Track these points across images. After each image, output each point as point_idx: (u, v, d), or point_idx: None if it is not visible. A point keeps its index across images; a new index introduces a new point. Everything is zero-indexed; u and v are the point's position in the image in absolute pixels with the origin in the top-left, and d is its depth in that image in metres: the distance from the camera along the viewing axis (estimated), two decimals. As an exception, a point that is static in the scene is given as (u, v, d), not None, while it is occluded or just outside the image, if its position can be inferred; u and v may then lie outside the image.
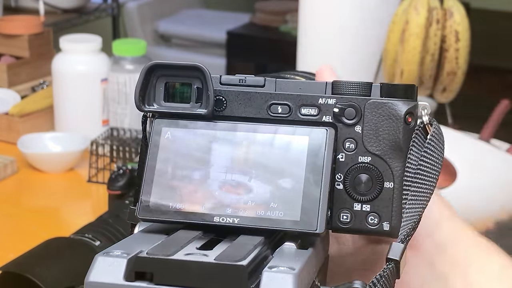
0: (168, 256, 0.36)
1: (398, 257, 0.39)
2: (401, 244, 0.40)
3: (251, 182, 0.41)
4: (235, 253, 0.37)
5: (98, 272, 0.36)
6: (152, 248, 0.37)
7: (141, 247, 0.38)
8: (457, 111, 1.52)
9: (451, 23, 1.33)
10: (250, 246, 0.38)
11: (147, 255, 0.36)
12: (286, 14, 3.26)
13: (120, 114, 1.51)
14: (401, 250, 0.40)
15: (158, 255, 0.36)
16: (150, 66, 0.43)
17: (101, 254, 0.37)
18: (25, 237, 1.21)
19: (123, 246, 0.38)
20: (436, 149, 0.44)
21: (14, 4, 2.53)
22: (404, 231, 0.41)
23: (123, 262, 0.36)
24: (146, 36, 3.37)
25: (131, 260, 0.36)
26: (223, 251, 0.37)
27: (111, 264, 0.36)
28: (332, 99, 0.43)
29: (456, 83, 1.37)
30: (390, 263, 0.39)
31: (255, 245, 0.38)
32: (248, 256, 0.36)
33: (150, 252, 0.37)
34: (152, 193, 0.42)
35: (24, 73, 1.77)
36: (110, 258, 0.36)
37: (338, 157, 0.43)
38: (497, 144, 1.31)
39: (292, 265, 0.36)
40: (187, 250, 0.37)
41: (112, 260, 0.36)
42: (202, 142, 0.43)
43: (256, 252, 0.38)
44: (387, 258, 0.39)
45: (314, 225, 0.40)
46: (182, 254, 0.37)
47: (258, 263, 0.37)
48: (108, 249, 0.37)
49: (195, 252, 0.37)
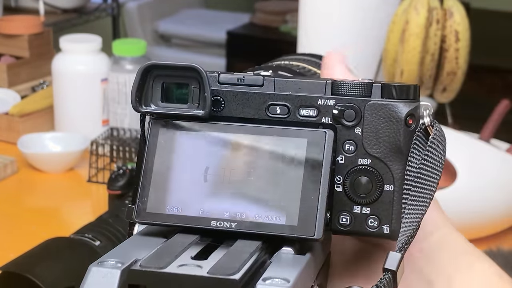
0: (161, 269, 0.36)
1: (395, 267, 0.39)
2: (398, 253, 0.39)
3: (248, 185, 0.41)
4: (229, 264, 0.36)
5: (91, 284, 0.36)
6: (146, 259, 0.37)
7: (137, 254, 0.38)
8: (457, 111, 1.52)
9: (451, 23, 1.33)
10: (246, 255, 0.38)
11: (140, 267, 0.36)
12: (286, 14, 3.26)
13: (120, 114, 1.51)
14: (398, 260, 0.39)
15: (151, 267, 0.36)
16: (146, 66, 0.43)
17: (95, 264, 0.36)
18: (25, 237, 1.21)
19: (118, 253, 0.38)
20: (438, 151, 0.42)
21: (14, 4, 2.52)
22: (402, 239, 0.40)
23: (116, 273, 0.36)
24: (146, 36, 3.37)
25: (125, 271, 0.36)
26: (217, 262, 0.37)
27: (104, 276, 0.36)
28: (332, 100, 0.42)
29: (456, 83, 1.37)
30: (387, 273, 0.39)
31: (251, 252, 0.38)
32: (243, 268, 0.36)
33: (143, 264, 0.36)
34: (149, 196, 0.41)
35: (24, 73, 1.77)
36: (104, 269, 0.36)
37: (338, 159, 0.43)
38: (497, 144, 1.31)
39: (287, 276, 0.36)
40: (181, 261, 0.37)
41: (105, 272, 0.36)
42: (200, 144, 0.42)
43: (252, 261, 0.37)
44: (384, 268, 0.39)
45: (312, 231, 0.39)
46: (175, 265, 0.36)
47: (253, 273, 0.37)
48: (103, 258, 0.37)
49: (189, 263, 0.37)
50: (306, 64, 0.55)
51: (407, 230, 0.41)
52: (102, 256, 0.37)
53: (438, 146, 0.42)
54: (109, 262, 0.37)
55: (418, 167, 0.42)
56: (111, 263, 0.37)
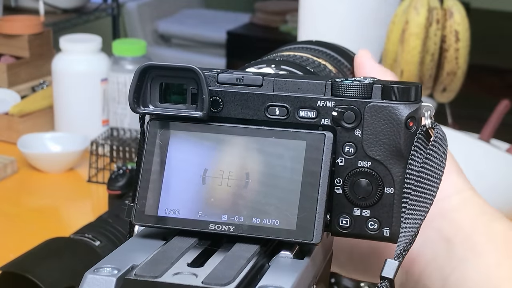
0: (156, 278, 0.36)
1: (392, 275, 0.38)
2: (396, 261, 0.39)
3: (247, 188, 0.40)
4: (225, 272, 0.36)
5: None
6: (141, 267, 0.37)
7: (134, 260, 0.37)
8: (457, 111, 1.52)
9: (451, 23, 1.33)
10: (243, 261, 0.37)
11: (135, 276, 0.36)
12: (286, 14, 3.26)
13: (120, 114, 1.52)
14: (395, 268, 0.39)
15: (146, 276, 0.36)
16: (143, 67, 0.42)
17: (91, 272, 0.36)
18: (25, 237, 1.21)
19: (115, 258, 0.38)
20: (439, 155, 0.42)
21: (14, 4, 2.52)
22: (401, 246, 0.40)
23: (111, 282, 0.36)
24: (146, 36, 3.36)
25: (120, 279, 0.36)
26: (213, 270, 0.36)
27: (100, 284, 0.36)
28: (331, 101, 0.42)
29: (456, 83, 1.37)
30: (383, 281, 0.38)
31: (248, 258, 0.38)
32: (238, 276, 0.36)
33: (138, 273, 0.36)
34: (148, 198, 0.41)
35: (24, 73, 1.77)
36: (99, 277, 0.36)
37: (338, 161, 0.42)
38: (497, 144, 1.31)
39: (284, 284, 0.35)
40: (177, 268, 0.37)
41: (101, 280, 0.36)
42: (198, 145, 0.42)
43: (249, 268, 0.37)
44: (381, 276, 0.39)
45: (310, 235, 0.39)
46: (171, 274, 0.36)
47: (249, 280, 0.37)
48: (100, 264, 0.37)
49: (185, 271, 0.37)
50: (310, 54, 0.54)
51: (406, 236, 0.40)
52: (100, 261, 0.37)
53: (439, 149, 0.42)
54: (105, 269, 0.36)
55: (419, 170, 0.41)
56: (107, 270, 0.36)
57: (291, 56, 0.53)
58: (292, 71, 0.50)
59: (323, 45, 0.57)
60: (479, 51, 1.74)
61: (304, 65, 0.52)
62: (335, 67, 0.54)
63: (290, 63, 0.51)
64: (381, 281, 0.38)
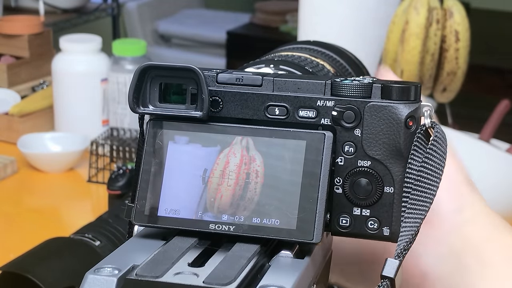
0: (157, 278, 0.36)
1: (392, 274, 0.39)
2: (396, 260, 0.39)
3: (247, 188, 0.40)
4: (225, 272, 0.36)
5: None
6: (142, 267, 0.37)
7: (134, 260, 0.37)
8: (457, 111, 1.52)
9: (451, 23, 1.33)
10: (243, 260, 0.37)
11: (136, 276, 0.36)
12: (286, 14, 3.26)
13: (120, 114, 1.51)
14: (396, 267, 0.39)
15: (147, 276, 0.36)
16: (143, 67, 0.42)
17: (92, 272, 0.36)
18: (25, 237, 1.21)
19: (116, 258, 0.38)
20: (438, 154, 0.42)
21: (14, 4, 2.52)
22: (401, 245, 0.40)
23: (112, 282, 0.36)
24: (146, 36, 3.36)
25: (121, 280, 0.36)
26: (214, 270, 0.37)
27: (100, 285, 0.36)
28: (331, 101, 0.42)
29: (456, 83, 1.37)
30: (384, 281, 0.38)
31: (249, 258, 0.38)
32: (239, 276, 0.36)
33: (139, 272, 0.36)
34: (148, 198, 0.41)
35: (24, 73, 1.77)
36: (100, 277, 0.36)
37: (337, 160, 0.42)
38: (497, 144, 1.31)
39: (284, 284, 0.35)
40: (178, 268, 0.37)
41: (102, 280, 0.36)
42: (197, 145, 0.42)
43: (250, 267, 0.37)
44: (382, 275, 0.39)
45: (310, 235, 0.39)
46: (172, 274, 0.36)
47: (250, 280, 0.37)
48: (100, 264, 0.37)
49: (186, 271, 0.37)
50: (308, 54, 0.54)
51: (406, 235, 0.40)
52: (101, 261, 0.37)
53: (438, 149, 0.42)
54: (106, 269, 0.37)
55: (419, 169, 0.41)
56: (108, 270, 0.36)
57: (290, 56, 0.53)
58: (291, 71, 0.50)
59: (321, 45, 0.57)
60: (479, 51, 1.74)
61: (303, 65, 0.52)
62: (333, 67, 0.54)
63: (289, 63, 0.51)
64: (382, 280, 0.38)
